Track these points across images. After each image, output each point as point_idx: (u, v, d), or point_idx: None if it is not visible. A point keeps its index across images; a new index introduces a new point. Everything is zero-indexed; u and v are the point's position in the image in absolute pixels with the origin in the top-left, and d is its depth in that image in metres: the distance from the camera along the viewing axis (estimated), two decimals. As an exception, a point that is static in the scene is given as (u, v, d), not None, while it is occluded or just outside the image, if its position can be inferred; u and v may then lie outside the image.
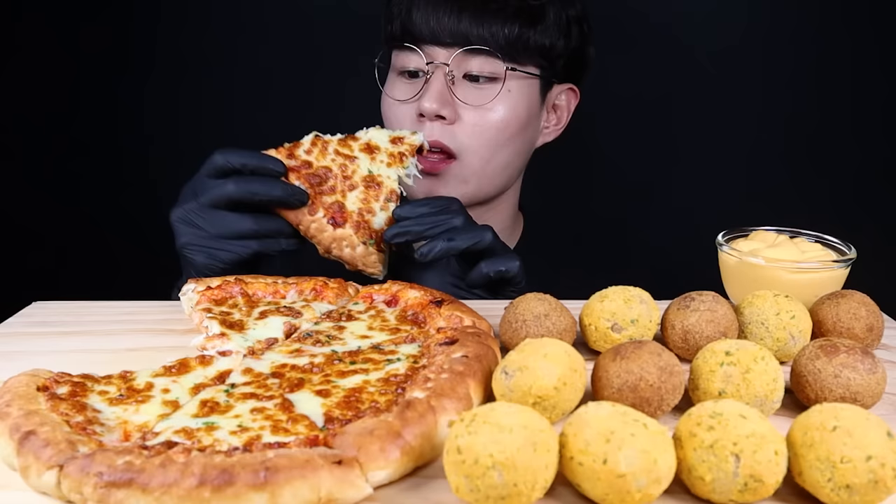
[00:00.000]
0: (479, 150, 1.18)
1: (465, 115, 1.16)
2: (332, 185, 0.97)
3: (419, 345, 0.74)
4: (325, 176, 0.96)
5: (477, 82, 1.16)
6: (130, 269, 1.81)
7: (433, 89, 1.14)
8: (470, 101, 1.16)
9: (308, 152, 0.98)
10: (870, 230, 1.51)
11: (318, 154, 0.98)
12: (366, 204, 0.97)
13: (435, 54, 1.16)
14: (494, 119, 1.17)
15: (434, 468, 0.57)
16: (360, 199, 0.97)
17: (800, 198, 1.65)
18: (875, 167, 1.67)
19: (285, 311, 0.83)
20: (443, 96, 1.14)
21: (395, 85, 1.22)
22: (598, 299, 0.78)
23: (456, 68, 1.15)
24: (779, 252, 0.88)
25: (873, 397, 0.65)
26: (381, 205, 0.97)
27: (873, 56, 1.61)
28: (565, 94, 1.30)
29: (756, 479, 0.51)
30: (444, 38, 1.14)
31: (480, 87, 1.17)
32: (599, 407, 0.53)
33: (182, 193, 0.97)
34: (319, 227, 0.94)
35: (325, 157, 0.98)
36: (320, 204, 0.95)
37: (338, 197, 0.96)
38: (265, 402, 0.63)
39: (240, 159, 0.93)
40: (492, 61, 1.15)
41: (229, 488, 0.49)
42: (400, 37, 1.17)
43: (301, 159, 0.97)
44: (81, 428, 0.57)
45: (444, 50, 1.15)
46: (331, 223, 0.94)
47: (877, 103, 1.64)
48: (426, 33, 1.14)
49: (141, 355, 0.78)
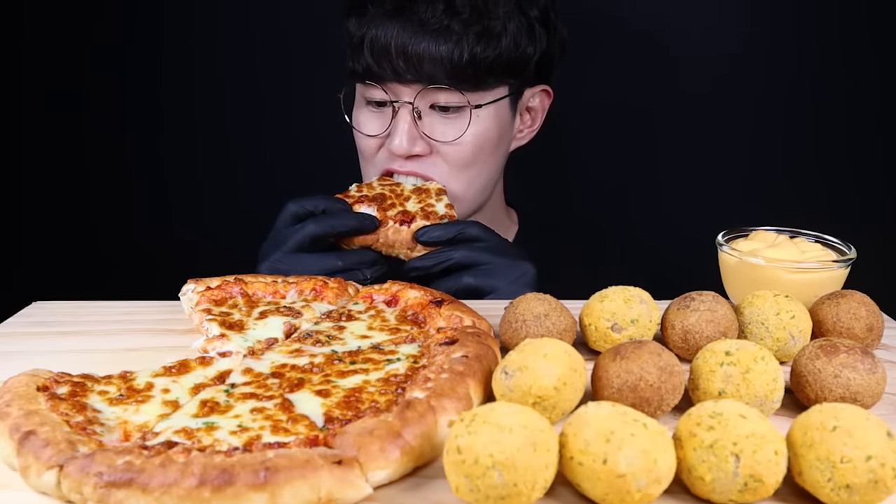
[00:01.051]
0: (458, 176, 1.18)
1: (438, 148, 1.16)
2: (392, 202, 1.10)
3: (419, 345, 0.74)
4: (382, 198, 1.10)
5: (446, 111, 1.15)
6: (130, 269, 1.82)
7: (401, 129, 1.14)
8: (438, 137, 1.15)
9: (359, 190, 1.13)
10: (870, 230, 1.51)
11: (367, 189, 1.13)
12: (423, 202, 1.11)
13: (399, 91, 1.14)
14: (466, 150, 1.17)
15: (434, 468, 0.57)
16: (417, 202, 1.11)
17: (799, 198, 1.65)
18: (875, 167, 1.67)
19: (285, 311, 0.83)
20: (412, 135, 1.14)
21: (363, 114, 1.20)
22: (598, 299, 0.78)
23: (421, 103, 1.14)
24: (779, 252, 0.88)
25: (873, 397, 0.65)
26: (434, 199, 1.12)
27: (871, 57, 1.61)
28: (538, 96, 1.28)
29: (756, 479, 0.51)
30: (405, 76, 1.12)
31: (448, 116, 1.16)
32: (599, 407, 0.53)
33: (262, 251, 1.05)
34: (396, 231, 1.05)
35: (373, 189, 1.13)
36: (387, 217, 1.07)
37: (398, 207, 1.09)
38: (265, 402, 0.63)
39: (312, 203, 1.05)
40: (457, 94, 1.13)
41: (229, 488, 0.49)
42: (362, 74, 1.15)
43: (356, 196, 1.10)
44: (81, 428, 0.57)
45: (408, 87, 1.13)
46: (402, 224, 1.06)
47: (875, 103, 1.64)
48: (388, 73, 1.12)
49: (141, 355, 0.78)
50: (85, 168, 1.82)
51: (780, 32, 1.63)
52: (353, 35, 1.16)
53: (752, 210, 1.60)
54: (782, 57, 1.64)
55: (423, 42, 1.10)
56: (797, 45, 1.63)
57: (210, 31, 1.73)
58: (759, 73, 1.65)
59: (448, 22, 1.10)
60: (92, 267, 1.83)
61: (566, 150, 1.72)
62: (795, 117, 1.67)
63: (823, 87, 1.64)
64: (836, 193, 1.67)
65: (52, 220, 1.85)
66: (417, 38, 1.10)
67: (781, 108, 1.66)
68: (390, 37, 1.10)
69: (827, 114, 1.65)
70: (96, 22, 1.74)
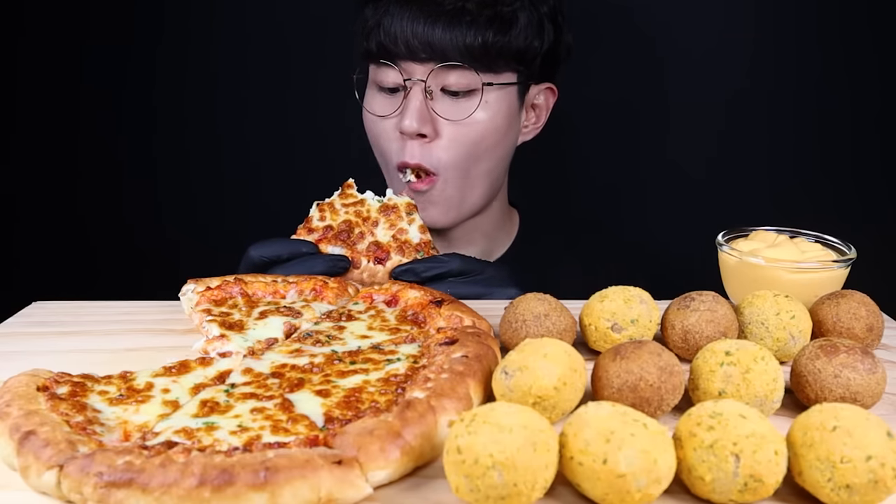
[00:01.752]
0: (459, 163, 1.19)
1: (444, 131, 1.17)
2: (361, 232, 1.01)
3: (419, 345, 0.74)
4: (348, 228, 1.01)
5: (455, 96, 1.17)
6: (130, 269, 1.82)
7: (412, 107, 1.15)
8: (449, 116, 1.17)
9: (322, 219, 1.03)
10: (870, 230, 1.51)
11: (331, 215, 1.03)
12: (394, 227, 1.01)
13: (412, 70, 1.16)
14: (472, 133, 1.18)
15: (434, 468, 0.57)
16: (388, 227, 1.02)
17: (799, 198, 1.65)
18: (875, 167, 1.67)
19: (285, 311, 0.83)
20: (422, 114, 1.15)
21: (375, 99, 1.22)
22: (598, 299, 0.78)
23: (433, 82, 1.15)
24: (779, 252, 0.88)
25: (873, 397, 0.65)
26: (406, 220, 1.02)
27: (872, 60, 1.62)
28: (543, 94, 1.30)
29: (756, 479, 0.51)
30: (419, 53, 1.14)
31: (458, 100, 1.17)
32: (599, 407, 0.53)
33: None
34: (372, 273, 0.98)
35: (337, 214, 1.03)
36: (359, 254, 0.99)
37: (368, 238, 1.01)
38: (265, 402, 0.63)
39: (273, 251, 0.99)
40: (468, 74, 1.15)
41: (229, 488, 0.49)
42: (376, 53, 1.17)
43: (320, 228, 1.02)
44: (81, 428, 0.57)
45: (421, 65, 1.15)
46: (377, 263, 0.98)
47: (875, 103, 1.64)
48: (402, 49, 1.14)
49: (141, 355, 0.78)
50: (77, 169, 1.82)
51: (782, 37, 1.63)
52: (367, 20, 1.18)
53: (752, 210, 1.60)
54: (785, 61, 1.64)
55: (439, 22, 1.13)
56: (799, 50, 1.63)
57: (205, 32, 1.73)
58: (762, 74, 1.65)
59: (463, 3, 1.13)
60: (92, 267, 1.83)
61: (567, 151, 1.72)
62: (795, 118, 1.67)
63: (826, 88, 1.64)
64: (836, 194, 1.67)
65: (52, 220, 1.85)
66: (433, 18, 1.13)
67: (781, 109, 1.66)
68: (406, 17, 1.13)
69: (828, 117, 1.66)
70: (92, 22, 1.73)
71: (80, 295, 0.97)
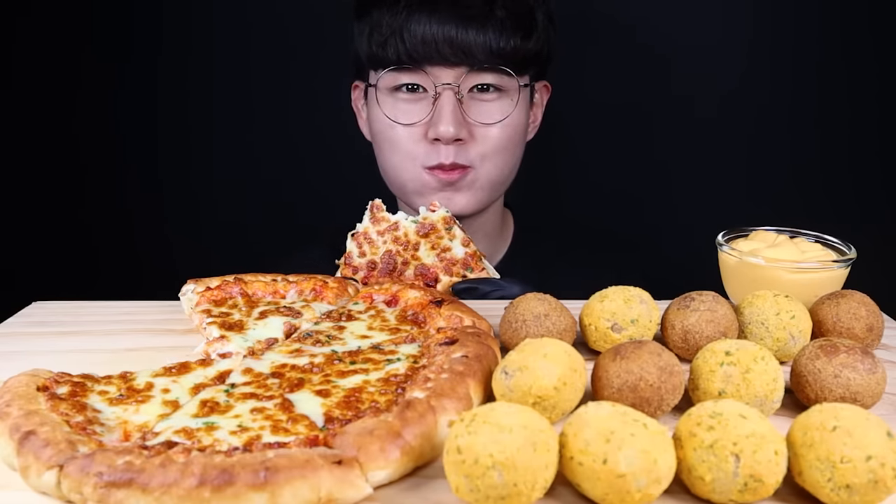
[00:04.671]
0: (494, 160, 1.19)
1: (477, 133, 1.17)
2: (405, 260, 0.97)
3: (419, 345, 0.74)
4: (391, 260, 0.97)
5: (486, 92, 1.16)
6: (129, 270, 1.82)
7: (446, 112, 1.13)
8: (481, 119, 1.16)
9: (362, 254, 0.98)
10: (870, 230, 1.50)
11: (370, 248, 0.98)
12: (437, 248, 0.97)
13: (439, 74, 1.14)
14: (504, 134, 1.18)
15: (434, 468, 0.57)
16: (430, 247, 0.98)
17: (800, 198, 1.65)
18: (875, 167, 1.67)
19: (285, 311, 0.83)
20: (457, 118, 1.13)
21: (397, 106, 1.18)
22: (598, 299, 0.78)
23: (463, 85, 1.14)
24: (779, 252, 0.88)
25: (873, 397, 0.65)
26: (447, 237, 0.98)
27: (871, 59, 1.62)
28: (539, 92, 1.31)
29: (756, 479, 0.51)
30: (450, 58, 1.12)
31: (486, 100, 1.17)
32: (599, 407, 0.53)
33: None
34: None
35: (376, 246, 0.98)
36: (409, 281, 0.95)
37: (412, 263, 0.97)
38: (265, 402, 0.63)
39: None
40: (498, 76, 1.15)
41: (229, 488, 0.49)
42: (397, 59, 1.14)
43: (363, 265, 0.97)
44: (81, 428, 0.57)
45: (451, 70, 1.13)
46: (430, 285, 0.95)
47: (875, 103, 1.64)
48: (433, 54, 1.12)
49: (141, 355, 0.78)
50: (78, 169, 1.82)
51: (781, 37, 1.63)
52: (381, 26, 1.15)
53: (752, 210, 1.60)
54: (783, 58, 1.64)
55: (471, 26, 1.12)
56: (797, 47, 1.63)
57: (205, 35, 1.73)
58: (763, 74, 1.65)
59: (490, 7, 1.13)
60: (92, 267, 1.83)
61: (566, 151, 1.72)
62: (795, 118, 1.67)
63: (826, 88, 1.64)
64: (836, 194, 1.67)
65: (52, 220, 1.85)
66: (464, 22, 1.11)
67: (780, 109, 1.67)
68: (434, 21, 1.11)
69: (827, 117, 1.66)
70: (92, 23, 1.73)
71: (80, 295, 0.97)
